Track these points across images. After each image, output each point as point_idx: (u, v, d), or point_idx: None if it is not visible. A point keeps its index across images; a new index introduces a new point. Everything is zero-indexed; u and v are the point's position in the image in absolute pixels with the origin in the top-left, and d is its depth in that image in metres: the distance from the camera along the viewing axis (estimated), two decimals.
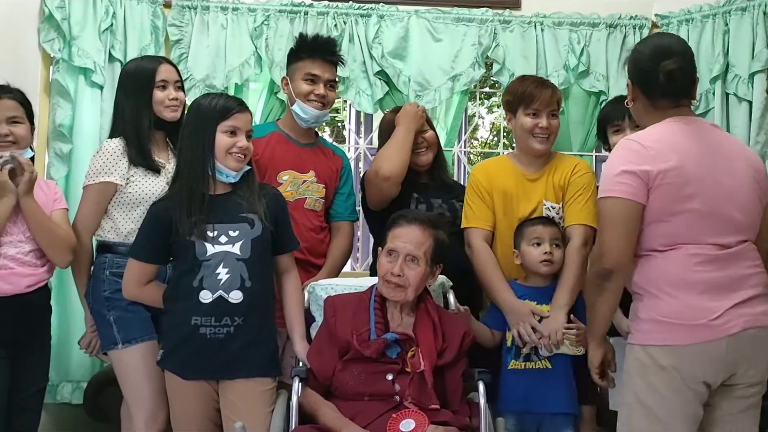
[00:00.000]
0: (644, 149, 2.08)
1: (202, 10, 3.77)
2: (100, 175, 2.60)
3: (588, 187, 2.79)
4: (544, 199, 2.80)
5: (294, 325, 2.53)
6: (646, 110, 2.22)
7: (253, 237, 2.39)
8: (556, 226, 2.73)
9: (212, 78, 3.73)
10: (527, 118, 2.79)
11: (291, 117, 2.96)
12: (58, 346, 3.42)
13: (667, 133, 2.13)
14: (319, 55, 2.91)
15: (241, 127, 2.40)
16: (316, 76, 2.90)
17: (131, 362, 2.56)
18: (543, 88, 2.81)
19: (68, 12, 3.57)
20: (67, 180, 3.53)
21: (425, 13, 3.88)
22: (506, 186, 2.83)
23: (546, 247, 2.68)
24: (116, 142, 2.64)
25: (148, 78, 2.67)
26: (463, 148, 4.17)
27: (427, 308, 2.49)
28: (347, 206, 3.07)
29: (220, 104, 2.40)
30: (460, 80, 3.84)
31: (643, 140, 2.12)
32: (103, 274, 2.61)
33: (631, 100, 2.26)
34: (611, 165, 2.14)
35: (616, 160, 2.14)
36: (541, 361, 2.62)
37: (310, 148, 3.00)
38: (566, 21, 3.91)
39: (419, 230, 2.47)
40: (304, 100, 2.89)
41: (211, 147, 2.36)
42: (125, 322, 2.57)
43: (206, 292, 2.35)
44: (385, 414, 2.29)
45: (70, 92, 3.57)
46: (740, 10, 3.70)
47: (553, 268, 2.70)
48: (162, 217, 2.39)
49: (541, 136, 2.78)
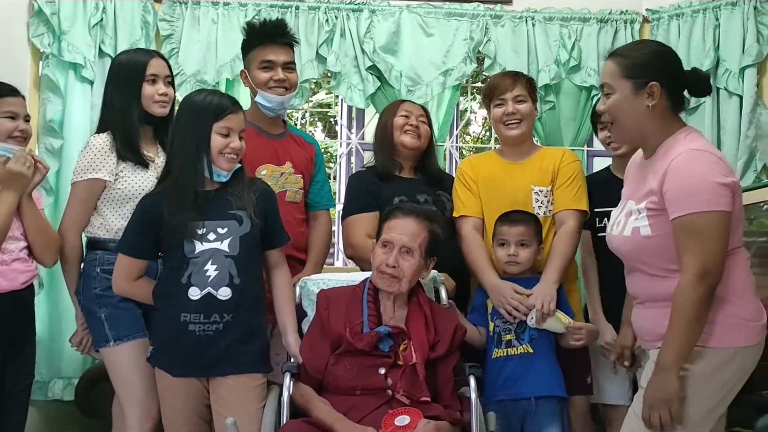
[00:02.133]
0: (722, 160, 2.07)
1: (192, 4, 3.76)
2: (87, 172, 2.59)
3: (579, 174, 2.86)
4: (532, 183, 2.83)
5: (285, 319, 2.52)
6: (664, 116, 2.13)
7: (241, 234, 2.38)
8: (524, 225, 2.71)
9: (203, 73, 3.73)
10: (495, 109, 2.86)
11: (257, 108, 2.92)
12: (49, 343, 3.44)
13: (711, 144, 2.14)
14: (270, 39, 2.87)
15: (234, 127, 2.39)
16: (272, 62, 2.86)
17: (123, 360, 2.56)
18: (505, 78, 2.89)
19: (58, 7, 3.56)
20: (58, 176, 3.52)
21: (417, 8, 3.89)
22: (491, 172, 2.88)
23: (510, 249, 2.70)
24: (103, 138, 2.62)
25: (139, 71, 2.65)
26: (455, 143, 4.17)
27: (420, 302, 2.49)
28: (323, 194, 3.05)
29: (214, 103, 2.38)
30: (452, 75, 3.85)
31: (715, 151, 2.11)
32: (93, 271, 2.60)
33: (652, 105, 2.11)
34: (702, 178, 2.02)
35: (705, 172, 2.02)
36: (522, 346, 2.63)
37: (283, 138, 2.98)
38: (557, 16, 3.92)
39: (415, 222, 2.48)
40: (265, 88, 2.86)
41: (205, 146, 2.35)
42: (116, 320, 2.56)
43: (195, 288, 2.34)
44: (378, 409, 2.30)
45: (60, 87, 3.56)
46: (730, 5, 3.73)
47: (520, 267, 2.71)
48: (151, 212, 2.38)
49: (512, 123, 2.83)
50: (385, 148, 2.99)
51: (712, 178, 2.01)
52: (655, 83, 2.10)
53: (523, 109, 2.84)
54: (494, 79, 2.95)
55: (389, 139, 2.97)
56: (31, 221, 2.53)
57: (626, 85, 2.13)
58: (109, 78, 2.73)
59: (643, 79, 2.11)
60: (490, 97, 2.89)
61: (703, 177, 2.01)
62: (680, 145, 2.09)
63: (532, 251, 2.71)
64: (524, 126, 2.85)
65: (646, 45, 2.35)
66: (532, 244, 2.71)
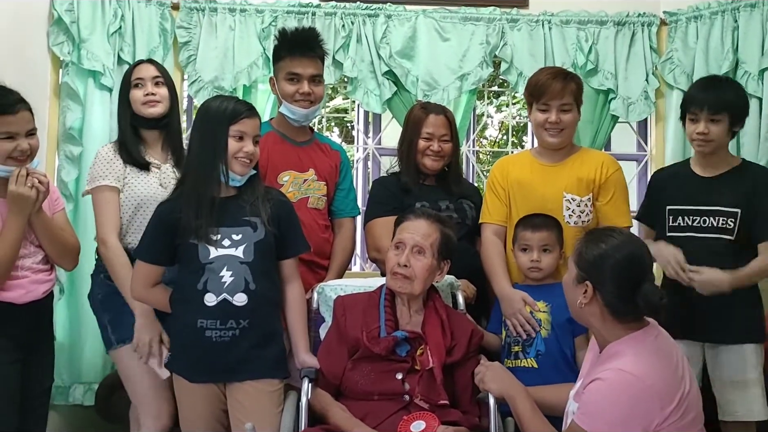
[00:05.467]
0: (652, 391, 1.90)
1: (210, 11, 3.79)
2: (95, 180, 2.65)
3: (624, 185, 2.82)
4: (565, 191, 2.77)
5: (298, 339, 2.50)
6: (603, 318, 2.02)
7: (256, 240, 2.39)
8: (546, 230, 2.67)
9: (220, 79, 3.75)
10: (538, 113, 2.78)
11: (283, 117, 2.93)
12: (70, 348, 3.48)
13: (660, 359, 1.97)
14: (299, 51, 2.84)
15: (248, 132, 2.39)
16: (298, 75, 2.84)
17: (128, 361, 2.59)
18: (554, 81, 2.75)
19: (77, 15, 3.59)
20: (77, 182, 3.55)
21: (433, 12, 3.89)
22: (521, 175, 2.82)
23: (533, 255, 2.67)
24: (108, 147, 2.72)
25: (126, 79, 2.76)
26: (471, 147, 4.16)
27: (436, 306, 2.49)
28: (348, 202, 3.05)
29: (229, 108, 2.39)
30: (468, 79, 3.85)
31: (647, 379, 1.91)
32: (98, 278, 2.66)
33: (585, 304, 2.03)
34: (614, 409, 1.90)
35: (620, 405, 1.91)
36: (527, 360, 2.61)
37: (307, 145, 2.98)
38: (574, 19, 3.91)
39: (426, 223, 2.48)
40: (290, 100, 2.86)
41: (222, 151, 2.35)
42: (119, 323, 2.60)
43: (210, 295, 2.35)
44: (396, 414, 2.29)
45: (80, 95, 3.59)
46: (749, 7, 3.69)
47: (543, 273, 2.68)
48: (167, 218, 2.39)
49: (553, 131, 2.76)
50: (408, 164, 2.98)
51: (622, 413, 1.89)
52: (588, 284, 2.01)
53: (568, 119, 2.76)
54: (543, 79, 2.77)
55: (413, 158, 2.97)
56: (43, 234, 2.52)
57: (572, 271, 2.08)
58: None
59: (582, 274, 2.04)
60: (536, 98, 2.77)
61: (613, 408, 1.91)
62: (614, 360, 1.95)
63: (555, 257, 2.68)
64: (566, 134, 2.78)
65: (609, 240, 2.04)
66: (555, 250, 2.68)
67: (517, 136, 6.44)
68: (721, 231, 2.70)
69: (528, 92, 2.85)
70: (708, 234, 2.71)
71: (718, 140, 2.71)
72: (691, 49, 3.84)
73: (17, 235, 2.42)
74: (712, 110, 2.68)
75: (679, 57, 3.86)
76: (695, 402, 2.00)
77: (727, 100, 2.69)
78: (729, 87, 2.81)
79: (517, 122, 5.21)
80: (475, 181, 4.19)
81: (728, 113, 2.68)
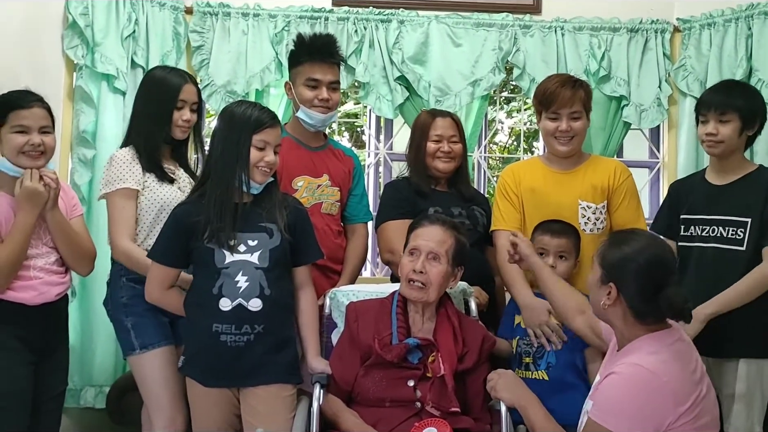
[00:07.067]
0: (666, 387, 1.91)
1: (223, 16, 3.80)
2: (116, 183, 2.60)
3: (635, 190, 2.82)
4: (580, 198, 2.75)
5: (308, 344, 2.51)
6: (625, 319, 2.03)
7: (271, 247, 2.39)
8: (565, 237, 2.66)
9: (233, 84, 3.76)
10: (548, 122, 2.77)
11: (298, 121, 2.93)
12: (81, 351, 3.49)
13: (676, 360, 1.98)
14: (319, 57, 2.86)
15: (270, 141, 2.39)
16: (318, 81, 2.86)
17: (149, 367, 2.58)
18: (563, 89, 2.73)
19: (91, 19, 3.61)
20: (91, 185, 3.57)
21: (445, 18, 3.89)
22: (534, 183, 2.81)
23: (549, 260, 2.65)
24: (125, 151, 2.66)
25: (172, 95, 2.67)
26: (483, 153, 4.16)
27: (448, 313, 2.48)
28: (361, 207, 3.06)
29: (254, 116, 2.38)
30: (481, 85, 3.85)
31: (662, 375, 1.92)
32: (120, 281, 2.63)
33: (609, 305, 2.04)
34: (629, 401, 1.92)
35: (635, 398, 1.92)
36: (538, 372, 2.59)
37: (322, 151, 2.99)
38: (587, 26, 3.90)
39: (441, 229, 2.48)
40: (309, 106, 2.87)
41: (244, 160, 2.35)
42: (142, 328, 2.59)
43: (226, 299, 2.35)
44: (407, 421, 2.30)
45: (93, 98, 3.61)
46: (763, 14, 3.68)
47: None
48: (184, 221, 2.39)
49: (563, 139, 2.75)
50: (419, 168, 2.98)
51: (637, 405, 1.90)
52: (612, 285, 2.02)
53: (578, 126, 2.75)
54: (552, 87, 2.76)
55: (423, 162, 2.97)
56: (58, 235, 2.52)
57: (597, 272, 2.07)
58: (141, 93, 2.75)
59: (607, 275, 2.04)
60: (545, 106, 2.76)
61: (628, 400, 1.92)
62: (631, 355, 1.98)
63: (570, 265, 2.67)
64: (576, 142, 2.77)
65: (633, 242, 2.05)
66: (571, 258, 2.67)
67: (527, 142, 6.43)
68: (730, 241, 2.65)
69: (537, 100, 2.83)
70: (718, 244, 2.67)
71: (728, 141, 2.66)
72: (704, 56, 3.83)
73: (27, 232, 2.43)
74: (720, 110, 2.66)
75: (692, 64, 3.85)
76: (710, 407, 1.99)
77: (735, 100, 2.66)
78: (740, 88, 2.80)
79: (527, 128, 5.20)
80: (486, 186, 4.19)
81: (738, 114, 2.65)
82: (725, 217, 2.67)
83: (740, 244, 2.64)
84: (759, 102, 2.74)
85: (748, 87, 2.94)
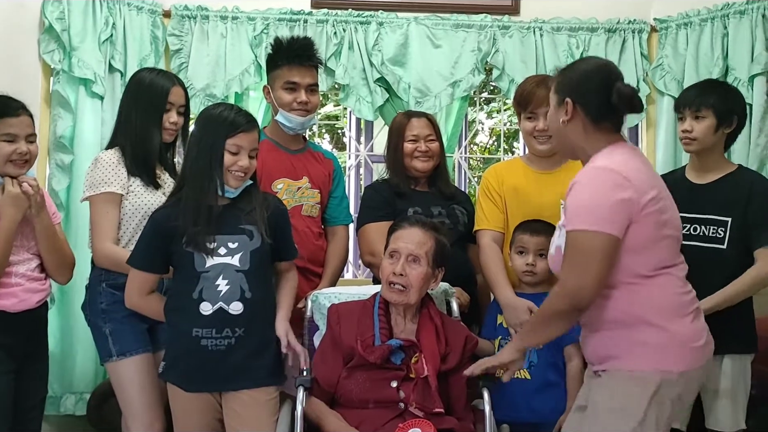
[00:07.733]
0: (627, 181, 2.00)
1: (201, 19, 3.79)
2: (101, 186, 2.57)
3: None
4: (563, 198, 2.75)
5: (281, 304, 2.49)
6: (585, 131, 2.12)
7: (252, 249, 2.38)
8: (545, 236, 2.65)
9: (212, 87, 3.75)
10: (527, 122, 2.78)
11: (277, 125, 2.93)
12: (61, 358, 3.45)
13: (635, 160, 2.09)
14: (297, 60, 2.86)
15: (244, 146, 2.36)
16: (296, 84, 2.86)
17: (126, 374, 2.56)
18: (539, 88, 2.73)
19: (68, 23, 3.57)
20: (69, 191, 3.53)
21: (424, 19, 3.90)
22: (517, 183, 2.82)
23: (529, 258, 2.66)
24: (111, 153, 2.63)
25: (161, 98, 2.64)
26: (463, 153, 4.17)
27: (430, 314, 2.49)
28: (341, 209, 3.06)
29: (229, 119, 2.36)
30: (460, 86, 3.86)
31: (622, 170, 2.02)
32: (99, 286, 2.60)
33: (567, 120, 2.13)
34: (592, 197, 2.01)
35: (597, 192, 2.01)
36: (520, 371, 2.57)
37: (301, 153, 2.99)
38: (565, 26, 3.93)
39: (420, 231, 2.48)
40: (287, 109, 2.87)
41: (217, 164, 2.34)
42: (120, 335, 2.56)
43: (206, 303, 2.34)
44: (391, 422, 2.29)
45: (71, 103, 3.56)
46: (739, 14, 3.72)
47: (536, 278, 2.68)
48: (163, 226, 2.37)
49: (541, 138, 2.76)
50: (398, 169, 2.99)
51: (604, 198, 1.99)
52: (568, 99, 2.12)
53: None
54: (528, 88, 2.79)
55: (401, 162, 2.98)
56: (44, 241, 2.51)
57: (553, 99, 2.19)
58: (129, 95, 2.70)
59: (562, 95, 2.15)
60: (523, 107, 2.79)
61: (593, 197, 2.02)
62: (591, 163, 2.10)
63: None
64: (555, 140, 2.80)
65: (580, 63, 2.28)
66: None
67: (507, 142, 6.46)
68: (711, 240, 2.67)
69: (515, 102, 2.86)
70: (699, 243, 2.68)
71: (702, 138, 2.68)
72: (681, 55, 3.86)
73: (8, 238, 2.41)
74: (694, 108, 2.68)
75: (669, 63, 3.89)
76: (671, 205, 2.10)
77: (709, 98, 2.68)
78: (715, 86, 2.83)
79: (507, 128, 5.22)
80: (467, 187, 4.20)
81: (712, 110, 2.66)
82: (707, 216, 2.69)
83: (721, 243, 2.66)
84: (735, 99, 2.75)
85: (725, 85, 2.97)
